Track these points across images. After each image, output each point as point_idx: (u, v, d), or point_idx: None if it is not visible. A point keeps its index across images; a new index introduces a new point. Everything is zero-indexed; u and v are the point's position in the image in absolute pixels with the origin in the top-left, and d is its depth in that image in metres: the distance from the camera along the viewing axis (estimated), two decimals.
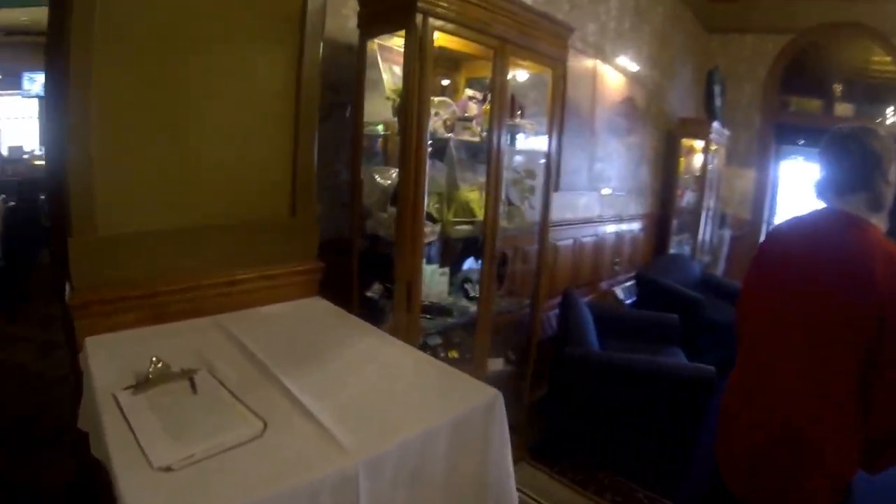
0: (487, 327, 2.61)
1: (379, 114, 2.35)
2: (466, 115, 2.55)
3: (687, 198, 6.08)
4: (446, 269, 2.71)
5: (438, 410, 1.31)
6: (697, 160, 6.07)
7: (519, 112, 2.91)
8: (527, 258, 3.32)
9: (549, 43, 2.67)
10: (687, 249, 6.15)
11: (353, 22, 2.37)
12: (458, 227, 2.51)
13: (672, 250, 5.92)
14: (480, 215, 2.51)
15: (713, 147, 5.95)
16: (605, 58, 4.48)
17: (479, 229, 2.52)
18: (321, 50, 2.00)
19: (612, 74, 4.62)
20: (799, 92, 6.63)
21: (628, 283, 5.15)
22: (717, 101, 6.17)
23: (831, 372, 1.50)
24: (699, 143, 5.94)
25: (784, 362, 1.59)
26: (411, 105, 2.05)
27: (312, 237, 2.07)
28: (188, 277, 1.73)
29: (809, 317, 1.55)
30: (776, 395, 1.60)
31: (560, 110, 2.90)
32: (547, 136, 2.87)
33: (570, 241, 4.32)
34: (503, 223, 2.69)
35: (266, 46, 1.87)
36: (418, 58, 2.02)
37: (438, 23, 2.05)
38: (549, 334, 3.86)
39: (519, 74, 2.96)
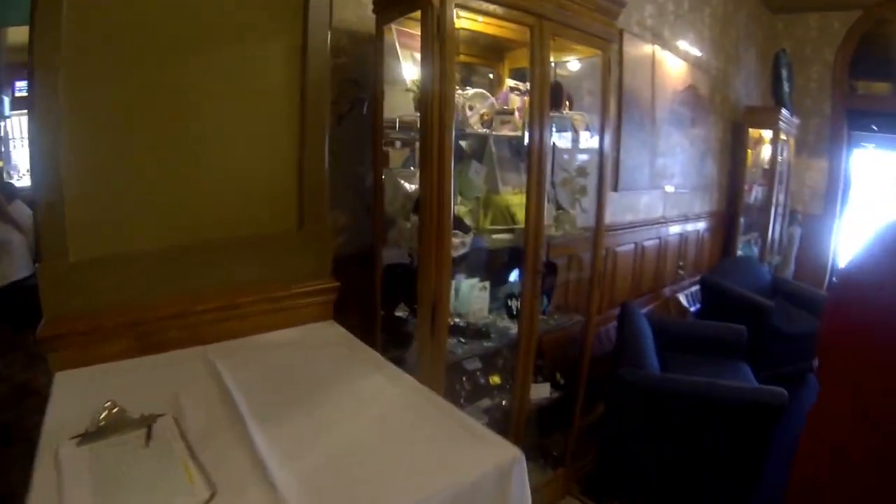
0: (530, 350, 2.29)
1: (402, 108, 2.06)
2: (506, 108, 2.24)
3: (755, 193, 5.61)
4: (486, 284, 2.41)
5: (436, 477, 1.03)
6: (766, 152, 5.60)
7: (567, 104, 2.58)
8: (581, 267, 3.00)
9: (595, 19, 2.33)
10: (755, 250, 5.70)
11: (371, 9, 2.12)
12: (496, 237, 2.21)
13: (739, 251, 5.51)
14: (524, 221, 2.19)
15: (782, 137, 5.48)
16: (665, 43, 4.15)
17: (521, 237, 2.20)
18: (329, 40, 1.82)
19: (673, 61, 4.27)
20: (867, 74, 6.06)
21: (693, 289, 4.80)
22: (785, 87, 5.66)
23: None
24: (767, 133, 5.50)
25: None
26: (430, 97, 1.75)
27: (325, 252, 1.87)
28: (179, 303, 1.56)
29: None
30: None
31: (613, 99, 2.56)
32: (598, 130, 2.52)
33: (631, 246, 3.98)
34: (550, 230, 2.37)
35: (264, 39, 1.71)
36: (437, 39, 1.72)
37: None
38: (607, 349, 3.55)
39: (570, 63, 2.68)
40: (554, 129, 2.36)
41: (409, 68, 2.10)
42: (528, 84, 2.20)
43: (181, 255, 1.59)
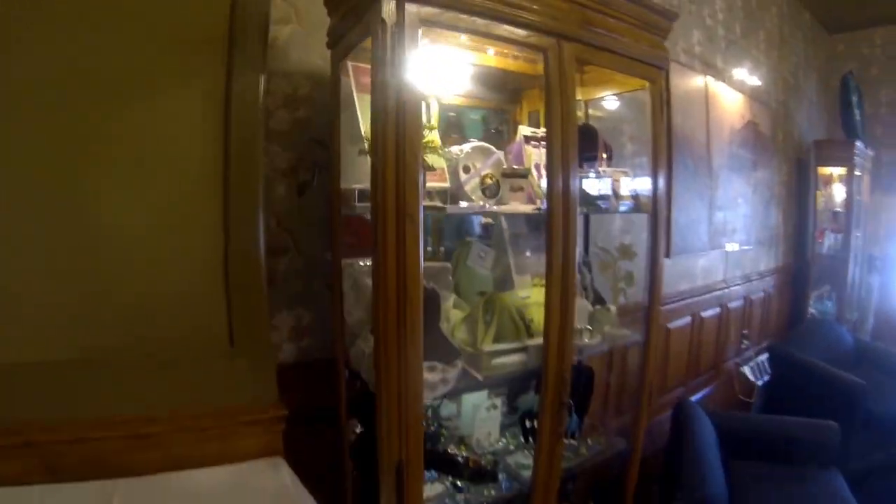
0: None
1: (365, 173, 1.44)
2: (517, 168, 1.60)
3: (827, 241, 5.06)
4: (497, 402, 1.80)
5: None
6: (837, 192, 5.07)
7: (605, 156, 1.95)
8: (626, 361, 2.39)
9: (639, 38, 1.70)
10: (829, 305, 5.07)
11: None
12: (500, 361, 1.55)
13: (812, 309, 4.93)
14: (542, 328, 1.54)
15: (856, 172, 4.91)
16: (718, 73, 3.63)
17: (538, 356, 1.55)
18: (261, 85, 1.45)
19: (728, 94, 3.72)
20: None
21: (760, 358, 4.15)
22: (857, 115, 5.04)
23: None
24: (838, 171, 4.97)
25: None
26: (381, 159, 1.17)
27: (265, 370, 1.52)
28: (76, 426, 1.32)
29: None
30: None
31: (665, 144, 1.89)
32: (651, 185, 1.85)
33: (687, 320, 3.39)
34: (583, 337, 1.74)
35: (173, 85, 1.40)
36: (391, 74, 1.13)
37: (426, 10, 1.17)
38: (658, 445, 2.91)
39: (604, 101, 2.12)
40: (581, 185, 1.72)
41: (363, 115, 1.51)
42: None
43: (75, 369, 1.33)
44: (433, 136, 1.47)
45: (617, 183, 1.83)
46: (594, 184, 1.77)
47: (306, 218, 1.73)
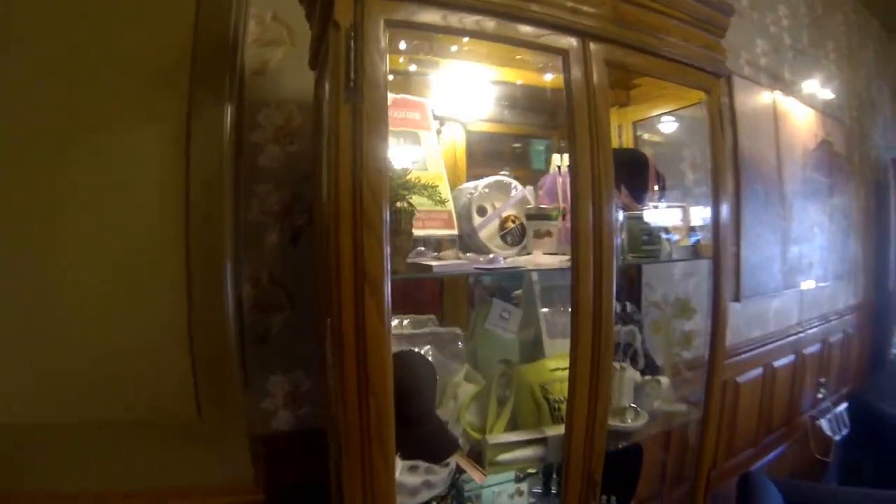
0: None
1: None
2: (544, 208, 1.26)
3: None
4: (524, 486, 1.45)
5: None
6: None
7: (657, 187, 1.60)
8: (684, 431, 2.02)
9: (689, 36, 1.36)
10: None
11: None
12: (508, 455, 1.19)
13: (894, 349, 4.50)
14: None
15: None
16: (785, 86, 3.24)
17: (560, 447, 1.18)
18: (228, 117, 1.31)
19: (798, 110, 3.33)
20: None
21: (839, 409, 3.78)
22: None
23: None
24: None
25: None
26: (333, 198, 0.86)
27: (236, 447, 1.40)
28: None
29: None
30: None
31: (729, 169, 1.53)
32: (712, 219, 1.47)
33: (758, 372, 2.99)
34: (626, 417, 1.37)
35: (128, 126, 1.27)
36: (346, 88, 0.83)
37: (395, 6, 0.88)
38: None
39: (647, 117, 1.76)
40: (625, 226, 1.37)
41: None
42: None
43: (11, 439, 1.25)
44: (433, 173, 1.15)
45: (673, 221, 1.46)
46: (641, 223, 1.41)
47: (302, 269, 1.51)
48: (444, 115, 1.49)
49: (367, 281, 0.83)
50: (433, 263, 0.99)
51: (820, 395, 3.74)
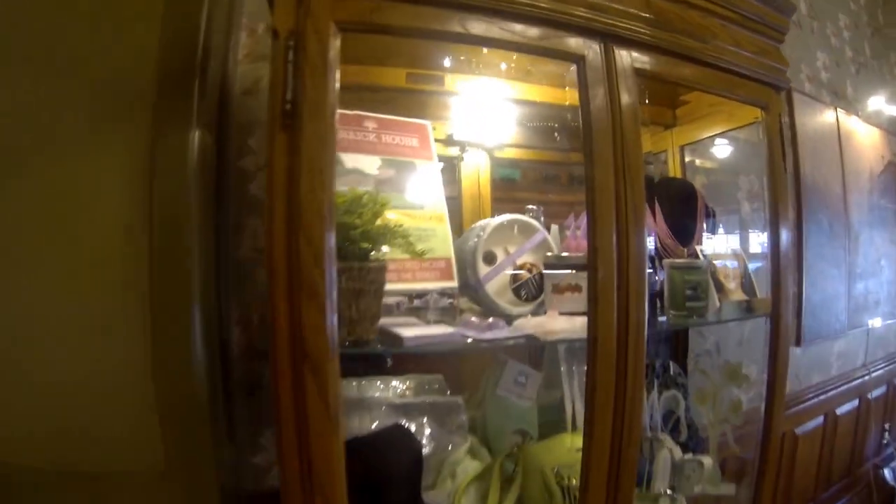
0: None
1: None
2: (567, 256, 1.06)
3: None
4: None
5: None
6: None
7: (709, 219, 1.37)
8: None
9: (740, 41, 1.13)
10: None
11: None
12: None
13: None
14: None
15: None
16: (848, 104, 2.97)
17: None
18: (195, 143, 1.15)
19: (862, 129, 3.04)
20: None
21: None
22: None
23: None
24: None
25: None
26: (270, 238, 0.68)
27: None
28: None
29: None
30: None
31: (790, 197, 1.32)
32: (771, 267, 1.24)
33: (819, 421, 2.74)
34: None
35: (85, 154, 1.16)
36: (279, 104, 0.66)
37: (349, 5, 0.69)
38: None
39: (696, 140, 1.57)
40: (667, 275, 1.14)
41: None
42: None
43: None
44: (429, 213, 0.94)
45: (720, 272, 1.22)
46: (686, 273, 1.17)
47: None
48: (464, 139, 1.31)
49: (306, 359, 0.65)
50: (406, 334, 0.78)
51: (885, 442, 3.40)
